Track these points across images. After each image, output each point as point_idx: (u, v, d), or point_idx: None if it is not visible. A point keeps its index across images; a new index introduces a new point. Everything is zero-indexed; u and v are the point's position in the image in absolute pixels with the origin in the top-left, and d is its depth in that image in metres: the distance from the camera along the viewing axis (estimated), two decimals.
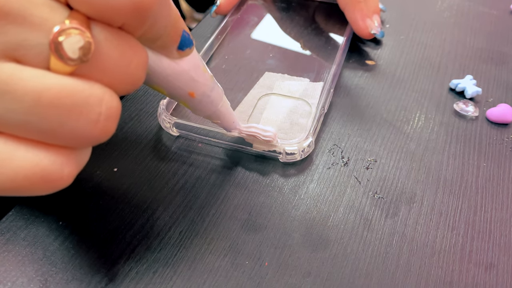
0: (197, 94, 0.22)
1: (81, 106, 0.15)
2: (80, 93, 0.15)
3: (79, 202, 0.25)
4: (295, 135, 0.28)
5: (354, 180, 0.27)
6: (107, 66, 0.16)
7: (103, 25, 0.16)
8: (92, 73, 0.16)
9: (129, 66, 0.17)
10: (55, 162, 0.16)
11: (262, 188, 0.26)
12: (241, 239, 0.24)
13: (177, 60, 0.21)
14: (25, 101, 0.15)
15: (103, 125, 0.16)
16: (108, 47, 0.16)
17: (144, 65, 0.18)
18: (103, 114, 0.16)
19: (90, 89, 0.16)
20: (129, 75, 0.17)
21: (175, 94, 0.22)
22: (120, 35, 0.16)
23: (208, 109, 0.24)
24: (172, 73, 0.21)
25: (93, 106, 0.16)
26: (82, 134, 0.16)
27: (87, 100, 0.16)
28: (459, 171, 0.28)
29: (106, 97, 0.16)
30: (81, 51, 0.15)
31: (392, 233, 0.24)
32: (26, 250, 0.23)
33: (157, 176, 0.27)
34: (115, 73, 0.17)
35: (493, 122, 0.31)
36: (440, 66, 0.35)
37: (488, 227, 0.25)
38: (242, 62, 0.34)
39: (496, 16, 0.41)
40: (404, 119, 0.31)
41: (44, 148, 0.16)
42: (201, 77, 0.22)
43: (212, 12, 0.37)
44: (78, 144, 0.16)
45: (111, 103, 0.16)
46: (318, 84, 0.31)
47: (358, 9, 0.35)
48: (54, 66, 0.15)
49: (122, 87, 0.17)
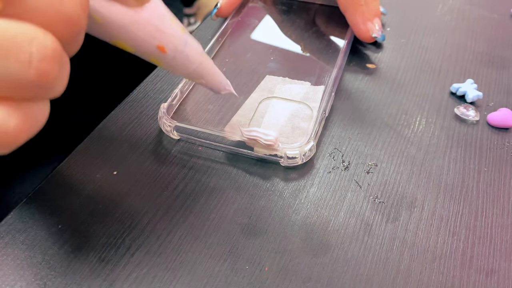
0: (168, 49, 0.21)
1: (8, 47, 0.14)
2: (6, 33, 0.14)
3: (78, 205, 0.25)
4: (297, 139, 0.28)
5: (354, 184, 0.27)
6: (36, 4, 0.15)
7: None
8: (21, 13, 0.15)
9: (61, 3, 0.16)
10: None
11: (262, 192, 0.26)
12: (241, 244, 0.23)
13: (136, 9, 0.19)
14: None
15: (37, 66, 0.15)
16: None
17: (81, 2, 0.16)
18: (35, 53, 0.15)
19: (17, 27, 0.15)
20: (63, 12, 0.16)
21: (141, 48, 0.20)
22: None
23: (186, 67, 0.22)
24: (130, 22, 0.19)
25: (22, 45, 0.15)
26: (16, 77, 0.15)
27: (13, 39, 0.14)
28: (460, 176, 0.27)
29: (38, 36, 0.15)
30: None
31: (393, 238, 0.24)
32: (25, 254, 0.23)
33: (157, 180, 0.26)
34: (47, 12, 0.15)
35: (494, 126, 0.31)
36: (441, 70, 0.35)
37: (489, 232, 0.25)
38: (243, 65, 0.34)
39: (497, 20, 0.41)
40: (405, 123, 0.31)
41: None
42: (168, 28, 0.20)
43: (212, 15, 0.37)
44: (15, 91, 0.15)
45: (45, 43, 0.15)
46: (319, 88, 0.31)
47: (359, 12, 0.35)
48: None
49: (59, 29, 0.16)
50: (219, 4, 0.37)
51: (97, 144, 0.28)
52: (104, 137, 0.29)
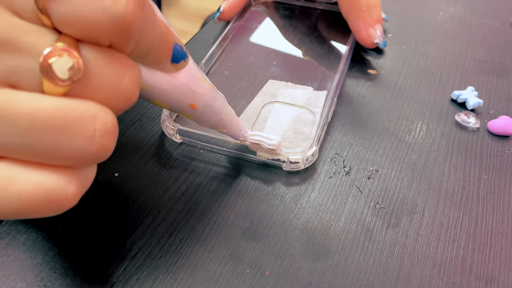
0: (199, 105, 0.22)
1: (75, 125, 0.16)
2: (74, 112, 0.16)
3: (79, 207, 0.25)
4: (299, 144, 0.28)
5: (355, 189, 0.27)
6: (99, 84, 0.17)
7: (92, 45, 0.16)
8: (85, 92, 0.16)
9: (120, 83, 0.17)
10: (59, 182, 0.16)
11: (263, 196, 0.26)
12: (242, 248, 0.23)
13: (173, 74, 0.21)
14: (20, 123, 0.15)
15: (99, 141, 0.16)
16: (97, 66, 0.16)
17: (136, 81, 0.18)
18: (98, 130, 0.16)
19: (84, 107, 0.16)
20: (121, 91, 0.17)
21: (176, 107, 0.22)
22: (109, 53, 0.17)
23: (212, 119, 0.24)
24: (170, 87, 0.21)
25: (87, 123, 0.16)
26: (79, 153, 0.16)
27: (80, 118, 0.16)
28: (460, 183, 0.28)
29: (100, 114, 0.16)
30: (71, 72, 0.16)
31: (393, 243, 0.24)
32: (26, 255, 0.23)
33: (158, 182, 0.26)
34: (108, 91, 0.17)
35: (494, 134, 0.31)
36: (442, 77, 0.35)
37: (489, 239, 0.25)
38: (245, 69, 0.34)
39: (497, 28, 0.42)
40: (405, 129, 0.31)
41: (47, 169, 0.16)
42: (200, 88, 0.22)
43: (215, 18, 0.37)
44: (77, 163, 0.17)
45: (106, 119, 0.17)
46: (322, 93, 0.31)
47: (361, 18, 0.35)
48: (47, 88, 0.16)
49: (116, 104, 0.17)
50: (221, 8, 0.37)
51: None
52: None
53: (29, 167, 0.16)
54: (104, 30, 0.16)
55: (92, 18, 0.15)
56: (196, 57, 0.36)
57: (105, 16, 0.15)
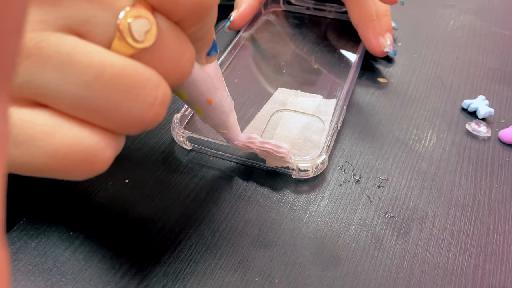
0: (215, 102, 0.23)
1: (140, 88, 0.16)
2: (141, 75, 0.16)
3: (90, 212, 0.25)
4: (308, 152, 0.28)
5: (365, 198, 0.26)
6: (165, 55, 0.17)
7: (164, 16, 0.16)
8: (151, 60, 0.16)
9: (182, 59, 0.17)
10: (100, 142, 0.16)
11: (272, 204, 0.26)
12: (251, 255, 0.23)
13: (203, 66, 0.21)
14: (87, 73, 0.15)
15: (157, 110, 0.16)
16: (168, 37, 0.16)
17: (193, 61, 0.18)
18: (159, 98, 0.16)
19: (149, 73, 0.16)
20: (181, 67, 0.17)
21: (195, 99, 0.22)
22: (177, 28, 0.17)
23: (220, 118, 0.24)
24: (199, 77, 0.21)
25: (151, 89, 0.16)
26: (135, 117, 0.16)
27: (146, 83, 0.16)
28: (471, 192, 0.27)
29: (162, 83, 0.16)
30: (146, 35, 0.16)
31: (403, 253, 0.24)
32: (36, 260, 0.23)
33: (168, 189, 0.27)
34: (170, 63, 0.17)
35: (505, 143, 0.30)
36: (452, 86, 0.35)
37: (500, 250, 0.24)
38: (255, 77, 0.34)
39: (509, 36, 0.41)
40: (416, 138, 0.31)
41: (90, 127, 0.16)
42: (220, 84, 0.23)
43: (225, 27, 0.37)
44: (128, 127, 0.16)
45: (166, 90, 0.17)
46: (331, 101, 0.31)
47: (371, 27, 0.35)
48: (117, 47, 0.16)
49: (173, 79, 0.17)
50: (232, 17, 0.37)
51: None
52: None
53: (73, 121, 0.15)
54: (184, 4, 0.16)
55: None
56: None
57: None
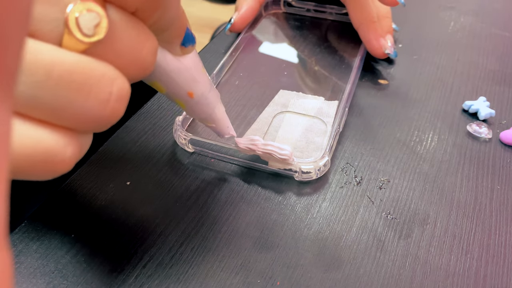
0: (196, 94, 0.22)
1: (92, 84, 0.15)
2: (93, 71, 0.15)
3: (92, 215, 0.25)
4: (311, 154, 0.28)
5: (367, 200, 0.26)
6: (120, 48, 0.16)
7: (118, 8, 0.16)
8: (105, 54, 0.16)
9: (141, 51, 0.17)
10: (59, 142, 0.16)
11: (274, 205, 0.26)
12: (253, 257, 0.23)
13: (179, 57, 0.21)
14: (37, 74, 0.14)
15: (113, 106, 0.16)
16: (122, 29, 0.16)
17: (154, 52, 0.18)
18: (114, 94, 0.16)
19: (103, 68, 0.16)
20: (140, 60, 0.17)
21: (174, 92, 0.22)
22: (133, 19, 0.17)
23: (204, 111, 0.24)
24: (174, 69, 0.21)
25: (105, 85, 0.16)
26: (90, 114, 0.16)
27: (99, 78, 0.15)
28: (473, 193, 0.27)
29: (118, 78, 0.16)
30: (96, 29, 0.15)
31: (405, 254, 0.24)
32: (38, 262, 0.23)
33: (170, 191, 0.27)
34: (128, 56, 0.16)
35: (506, 144, 0.30)
36: (453, 87, 0.35)
37: (502, 251, 0.24)
38: (257, 79, 0.34)
39: (509, 38, 0.42)
40: (417, 140, 0.31)
41: (48, 127, 0.16)
42: (201, 77, 0.22)
43: (226, 30, 0.37)
44: (85, 125, 0.16)
45: (122, 85, 0.16)
46: (333, 103, 0.31)
47: (372, 29, 0.35)
48: (67, 43, 0.15)
49: (132, 72, 0.17)
50: (232, 20, 0.37)
51: (110, 155, 0.28)
52: (118, 148, 0.29)
53: (29, 122, 0.15)
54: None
55: None
56: (207, 67, 0.36)
57: None
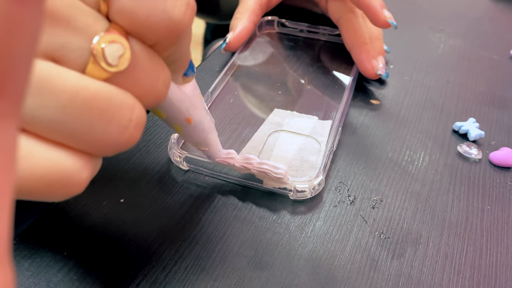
0: (194, 121, 0.23)
1: (114, 111, 0.16)
2: (116, 98, 0.16)
3: (85, 232, 0.25)
4: (305, 173, 0.28)
5: (360, 219, 0.27)
6: (140, 78, 0.17)
7: (139, 41, 0.17)
8: (125, 84, 0.17)
9: (157, 81, 0.18)
10: (76, 164, 0.16)
11: (268, 224, 0.26)
12: (247, 277, 0.23)
13: (180, 86, 0.22)
14: (61, 98, 0.15)
15: (131, 132, 0.17)
16: (143, 60, 0.17)
17: (168, 83, 0.18)
18: (134, 121, 0.17)
19: (124, 96, 0.16)
20: (156, 90, 0.18)
21: (174, 118, 0.22)
22: (152, 52, 0.17)
23: (200, 136, 0.24)
24: (176, 97, 0.21)
25: (126, 112, 0.16)
26: (110, 139, 0.16)
27: (121, 105, 0.16)
28: (464, 214, 0.28)
29: (137, 106, 0.17)
30: (120, 59, 0.16)
31: (398, 274, 0.24)
32: (30, 281, 0.22)
33: (164, 209, 0.26)
34: (145, 86, 0.17)
35: (496, 165, 0.31)
36: (443, 108, 0.36)
37: (494, 271, 0.25)
38: (251, 98, 0.34)
39: (497, 61, 0.43)
40: (409, 159, 0.31)
41: (66, 149, 0.16)
42: (199, 103, 0.23)
43: (221, 49, 0.38)
44: (103, 150, 0.17)
45: (141, 112, 0.17)
46: (327, 122, 0.32)
47: (364, 50, 0.36)
48: (91, 71, 0.16)
49: (148, 101, 0.18)
50: (227, 39, 0.38)
51: (104, 172, 0.28)
52: (112, 165, 0.29)
53: (49, 144, 0.16)
54: (157, 29, 0.16)
55: (151, 15, 0.16)
56: (202, 84, 0.37)
57: (163, 16, 0.16)
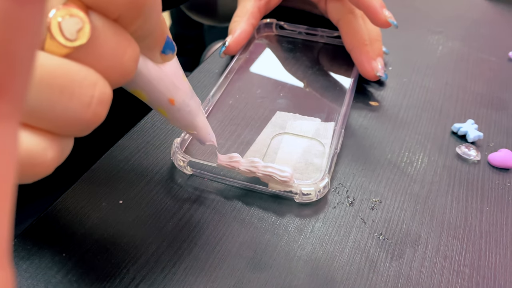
0: (177, 102, 0.23)
1: (74, 87, 0.16)
2: (75, 74, 0.16)
3: (83, 233, 0.25)
4: (310, 175, 0.28)
5: (359, 220, 0.27)
6: (102, 53, 0.16)
7: (101, 15, 0.16)
8: (87, 59, 0.16)
9: (123, 57, 0.17)
10: (40, 144, 0.16)
11: (267, 226, 0.26)
12: (246, 278, 0.23)
13: (159, 65, 0.21)
14: None
15: (94, 109, 0.16)
16: (104, 34, 0.16)
17: (136, 58, 0.18)
18: (96, 97, 0.16)
19: (85, 72, 0.16)
20: (122, 65, 0.17)
21: (155, 99, 0.22)
22: (115, 25, 0.17)
23: (186, 118, 0.24)
24: (155, 76, 0.21)
25: (87, 88, 0.16)
26: (72, 117, 0.16)
27: (81, 81, 0.16)
28: (463, 215, 0.28)
29: (100, 82, 0.16)
30: (79, 33, 0.16)
31: (397, 275, 0.24)
32: (28, 282, 0.22)
33: (163, 210, 0.26)
34: (109, 62, 0.17)
35: (495, 166, 0.31)
36: (442, 110, 0.36)
37: (492, 272, 0.25)
38: (253, 101, 0.34)
39: (495, 63, 0.43)
40: (407, 161, 0.31)
41: (29, 129, 0.16)
42: (181, 84, 0.23)
43: (221, 53, 0.38)
44: (67, 128, 0.16)
45: (104, 89, 0.16)
46: (330, 124, 0.32)
47: (364, 52, 0.36)
48: (49, 47, 0.15)
49: (114, 77, 0.17)
50: (227, 43, 0.38)
51: (103, 173, 0.28)
52: (111, 166, 0.29)
53: None
54: (117, 1, 0.16)
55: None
56: (201, 86, 0.37)
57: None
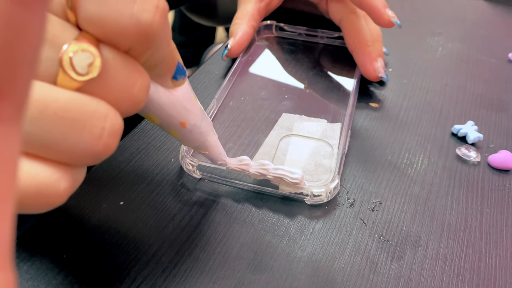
0: (189, 124, 0.23)
1: (86, 120, 0.16)
2: (86, 107, 0.16)
3: (84, 235, 0.25)
4: (320, 177, 0.28)
5: (360, 222, 0.27)
6: (113, 85, 0.17)
7: (111, 47, 0.17)
8: (98, 91, 0.17)
9: (133, 87, 0.17)
10: (52, 176, 0.16)
11: (268, 227, 0.26)
12: (247, 279, 0.23)
13: (171, 90, 0.21)
14: (31, 110, 0.15)
15: (106, 141, 0.16)
16: (115, 67, 0.17)
17: (147, 88, 0.18)
18: (107, 129, 0.16)
19: (96, 104, 0.16)
20: (133, 96, 0.17)
21: (167, 123, 0.22)
22: (126, 57, 0.17)
23: (198, 139, 0.24)
24: (166, 101, 0.21)
25: (98, 120, 0.16)
26: (84, 149, 0.16)
27: (92, 114, 0.16)
28: (463, 216, 0.28)
29: (110, 113, 0.17)
30: (89, 68, 0.16)
31: (398, 277, 0.24)
32: (29, 284, 0.22)
33: (163, 212, 0.26)
34: (120, 93, 0.17)
35: (495, 168, 0.31)
36: (442, 111, 0.36)
37: (493, 274, 0.25)
38: (258, 103, 0.34)
39: (495, 64, 0.43)
40: (408, 162, 0.31)
41: (42, 161, 0.16)
42: (192, 107, 0.23)
43: (223, 56, 0.38)
44: (79, 160, 0.16)
45: (115, 120, 0.17)
46: (337, 125, 0.32)
47: (366, 52, 0.36)
48: (61, 82, 0.16)
49: (124, 108, 0.17)
50: (229, 45, 0.38)
51: (104, 174, 0.28)
52: (111, 167, 0.29)
53: (24, 157, 0.16)
54: (127, 34, 0.16)
55: (119, 21, 0.16)
56: (201, 88, 0.37)
57: (132, 21, 0.16)
